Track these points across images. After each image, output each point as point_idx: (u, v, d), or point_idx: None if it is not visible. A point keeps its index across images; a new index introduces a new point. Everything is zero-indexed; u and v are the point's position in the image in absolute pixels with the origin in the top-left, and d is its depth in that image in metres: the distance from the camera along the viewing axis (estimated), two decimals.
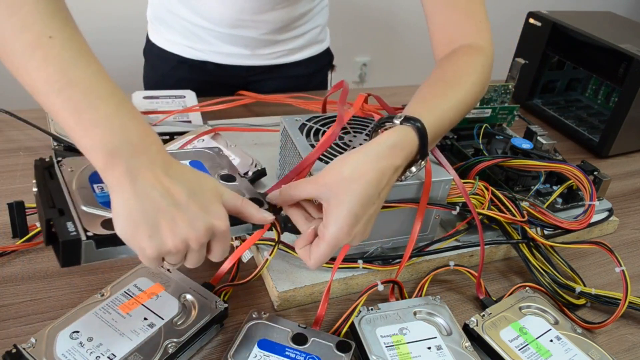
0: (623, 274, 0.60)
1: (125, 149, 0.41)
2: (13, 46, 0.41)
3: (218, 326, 0.54)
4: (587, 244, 0.66)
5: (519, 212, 0.64)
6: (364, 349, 0.51)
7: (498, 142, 0.82)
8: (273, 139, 0.83)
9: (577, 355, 0.53)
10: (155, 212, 0.42)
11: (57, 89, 0.41)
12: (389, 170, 0.50)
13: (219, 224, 0.45)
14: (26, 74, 0.42)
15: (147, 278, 0.55)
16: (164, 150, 0.45)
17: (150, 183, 0.42)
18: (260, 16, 0.93)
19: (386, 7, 2.21)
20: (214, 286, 0.56)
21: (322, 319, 0.54)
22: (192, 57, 1.00)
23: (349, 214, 0.48)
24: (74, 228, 0.43)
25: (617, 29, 1.07)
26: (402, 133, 0.52)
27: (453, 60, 0.63)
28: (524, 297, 0.59)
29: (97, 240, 0.43)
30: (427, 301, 0.57)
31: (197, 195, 0.44)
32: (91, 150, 0.41)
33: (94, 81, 0.42)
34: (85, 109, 0.41)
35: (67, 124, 0.41)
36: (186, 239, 0.43)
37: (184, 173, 0.45)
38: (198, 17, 0.95)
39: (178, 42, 0.99)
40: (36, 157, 0.48)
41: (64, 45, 0.42)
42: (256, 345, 0.50)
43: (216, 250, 0.47)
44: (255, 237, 0.57)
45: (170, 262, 0.45)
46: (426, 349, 0.52)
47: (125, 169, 0.41)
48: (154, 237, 0.42)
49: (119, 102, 0.43)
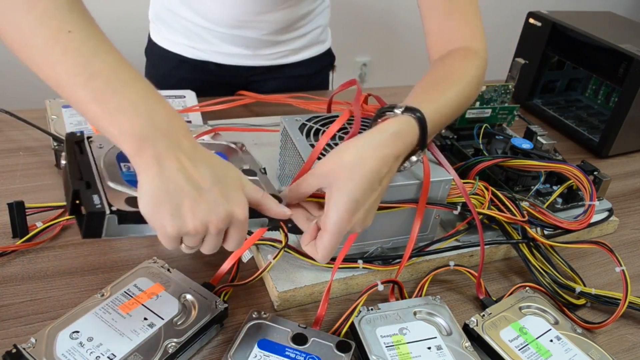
0: (623, 273, 0.60)
1: (153, 133, 0.42)
2: (33, 42, 0.43)
3: (218, 326, 0.54)
4: (587, 244, 0.66)
5: (519, 211, 0.64)
6: (364, 349, 0.51)
7: (498, 142, 0.82)
8: (273, 139, 0.83)
9: (577, 355, 0.53)
10: (179, 194, 0.43)
11: (80, 81, 0.42)
12: (390, 158, 0.51)
13: (238, 211, 0.45)
14: (48, 68, 0.43)
15: (147, 278, 0.55)
16: (189, 134, 0.45)
17: (176, 167, 0.43)
18: (262, 17, 0.93)
19: (386, 8, 2.21)
20: (214, 286, 0.56)
21: (322, 319, 0.54)
22: (193, 57, 1.00)
23: (349, 199, 0.48)
24: (100, 201, 0.44)
25: (617, 29, 1.07)
26: (403, 122, 0.53)
27: (449, 61, 0.65)
28: (524, 297, 0.59)
29: (120, 216, 0.44)
30: (427, 301, 0.57)
31: (220, 182, 0.45)
32: (119, 137, 0.42)
33: (116, 69, 0.43)
34: (110, 98, 0.42)
35: (94, 113, 0.43)
36: (206, 222, 0.43)
37: (210, 159, 0.46)
38: (199, 17, 0.95)
39: (179, 41, 0.99)
40: (36, 157, 0.48)
41: (82, 38, 0.43)
42: (256, 345, 0.50)
43: (233, 239, 0.47)
44: (255, 237, 0.57)
45: (187, 244, 0.46)
46: (426, 349, 0.52)
47: (153, 153, 0.42)
48: (175, 216, 0.43)
49: (143, 87, 0.44)
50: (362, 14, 2.19)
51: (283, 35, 0.98)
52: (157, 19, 1.03)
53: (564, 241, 0.68)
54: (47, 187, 0.71)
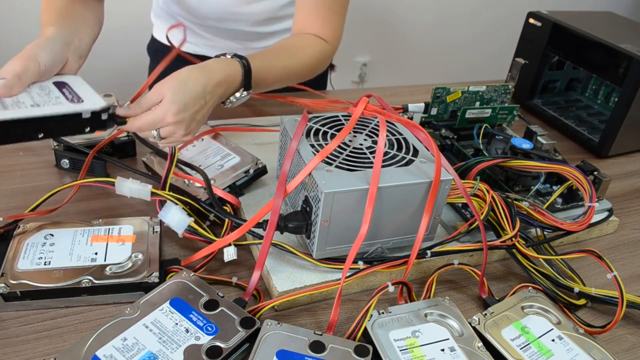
0: (615, 279, 0.59)
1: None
2: None
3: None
4: (576, 253, 0.63)
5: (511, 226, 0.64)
6: (378, 354, 0.50)
7: (498, 142, 0.82)
8: (273, 139, 0.83)
9: (578, 355, 0.53)
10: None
11: None
12: (214, 81, 0.64)
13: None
14: None
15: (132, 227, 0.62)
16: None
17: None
18: (245, 8, 0.95)
19: (386, 7, 2.21)
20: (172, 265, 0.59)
21: (335, 324, 0.53)
22: (190, 51, 1.03)
23: (181, 99, 0.59)
24: None
25: (617, 29, 1.07)
26: (229, 62, 0.68)
27: (297, 38, 0.83)
28: (526, 296, 0.59)
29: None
30: (437, 302, 0.57)
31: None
32: None
33: None
34: None
35: None
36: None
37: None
38: (187, 12, 0.98)
39: (176, 36, 1.01)
40: (36, 157, 0.48)
41: None
42: (275, 357, 0.49)
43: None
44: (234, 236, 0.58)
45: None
46: (440, 351, 0.51)
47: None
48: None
49: None
50: (362, 13, 2.19)
51: (268, 27, 1.00)
52: (156, 16, 1.07)
53: (554, 254, 0.68)
54: (47, 187, 0.71)
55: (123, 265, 0.56)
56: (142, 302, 0.52)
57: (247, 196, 0.71)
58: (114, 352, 0.47)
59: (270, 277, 0.59)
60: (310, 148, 0.61)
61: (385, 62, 2.36)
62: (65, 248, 0.57)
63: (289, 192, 0.57)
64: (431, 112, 0.83)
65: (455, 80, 1.28)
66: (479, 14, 2.39)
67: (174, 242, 0.65)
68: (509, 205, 0.65)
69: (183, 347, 0.48)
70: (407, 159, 0.61)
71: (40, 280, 0.53)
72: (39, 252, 0.56)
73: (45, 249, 0.57)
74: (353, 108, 0.68)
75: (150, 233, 0.61)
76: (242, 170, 0.70)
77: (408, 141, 0.64)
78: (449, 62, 2.45)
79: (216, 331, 0.50)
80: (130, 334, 0.49)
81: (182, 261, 0.60)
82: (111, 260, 0.57)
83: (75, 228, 0.60)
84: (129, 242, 0.59)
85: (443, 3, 2.29)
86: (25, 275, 0.53)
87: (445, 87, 0.82)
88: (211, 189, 0.65)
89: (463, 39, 2.42)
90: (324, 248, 0.59)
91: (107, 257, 0.57)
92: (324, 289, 0.57)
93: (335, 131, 0.64)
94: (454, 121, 0.84)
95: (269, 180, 0.74)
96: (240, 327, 0.51)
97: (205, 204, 0.64)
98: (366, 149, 0.62)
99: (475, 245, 0.63)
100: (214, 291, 0.54)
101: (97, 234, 0.60)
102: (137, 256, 0.58)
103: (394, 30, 2.29)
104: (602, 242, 0.76)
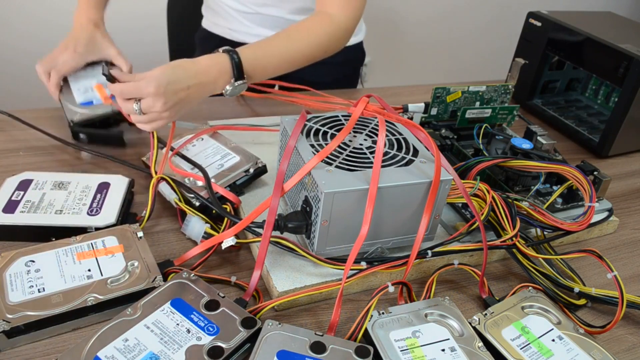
0: (616, 279, 0.59)
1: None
2: None
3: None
4: (576, 253, 0.63)
5: (511, 225, 0.64)
6: (379, 355, 0.50)
7: (498, 142, 0.82)
8: (273, 139, 0.83)
9: (578, 355, 0.53)
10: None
11: None
12: (200, 71, 0.70)
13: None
14: None
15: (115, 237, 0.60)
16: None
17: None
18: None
19: (386, 8, 2.21)
20: (168, 266, 0.58)
21: (336, 324, 0.53)
22: (231, 38, 1.10)
23: (165, 77, 0.65)
24: None
25: (617, 29, 1.07)
26: (218, 55, 0.73)
27: (304, 21, 0.83)
28: (526, 296, 0.59)
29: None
30: (437, 302, 0.57)
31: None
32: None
33: None
34: None
35: None
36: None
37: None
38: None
39: (220, 24, 1.11)
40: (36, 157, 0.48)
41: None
42: (275, 357, 0.49)
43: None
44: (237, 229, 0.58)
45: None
46: (440, 351, 0.51)
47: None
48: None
49: None
50: (363, 14, 2.19)
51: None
52: (206, 7, 1.16)
53: (554, 254, 0.68)
54: None
55: (122, 276, 0.55)
56: (143, 303, 0.52)
57: (248, 195, 0.72)
58: (116, 352, 0.47)
59: (270, 277, 0.59)
60: (310, 148, 0.61)
61: (385, 62, 2.36)
62: (54, 271, 0.54)
63: (287, 190, 0.57)
64: (431, 112, 0.83)
65: (455, 80, 1.28)
66: (479, 14, 2.39)
67: (154, 245, 0.64)
68: (509, 205, 0.65)
69: (185, 347, 0.48)
70: (407, 159, 0.61)
71: (40, 308, 0.50)
72: (26, 281, 0.53)
73: (32, 276, 0.54)
74: (353, 108, 0.68)
75: (136, 239, 0.60)
76: (242, 169, 0.71)
77: (408, 141, 0.64)
78: (448, 63, 2.45)
79: (217, 331, 0.50)
80: (132, 335, 0.49)
81: (174, 261, 0.59)
82: (108, 273, 0.55)
83: (55, 249, 0.57)
84: (118, 253, 0.58)
85: (443, 3, 2.29)
86: (23, 306, 0.50)
87: (445, 87, 0.82)
88: (211, 187, 0.65)
89: (463, 38, 2.42)
90: (324, 248, 0.59)
91: (102, 271, 0.55)
92: (324, 289, 0.57)
93: (335, 131, 0.64)
94: (454, 121, 0.84)
95: (269, 180, 0.74)
96: (242, 327, 0.51)
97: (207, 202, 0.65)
98: (366, 149, 0.62)
99: (476, 245, 0.63)
100: (215, 291, 0.54)
101: (82, 250, 0.57)
102: (133, 264, 0.56)
103: (394, 30, 2.28)
104: (602, 242, 0.76)
